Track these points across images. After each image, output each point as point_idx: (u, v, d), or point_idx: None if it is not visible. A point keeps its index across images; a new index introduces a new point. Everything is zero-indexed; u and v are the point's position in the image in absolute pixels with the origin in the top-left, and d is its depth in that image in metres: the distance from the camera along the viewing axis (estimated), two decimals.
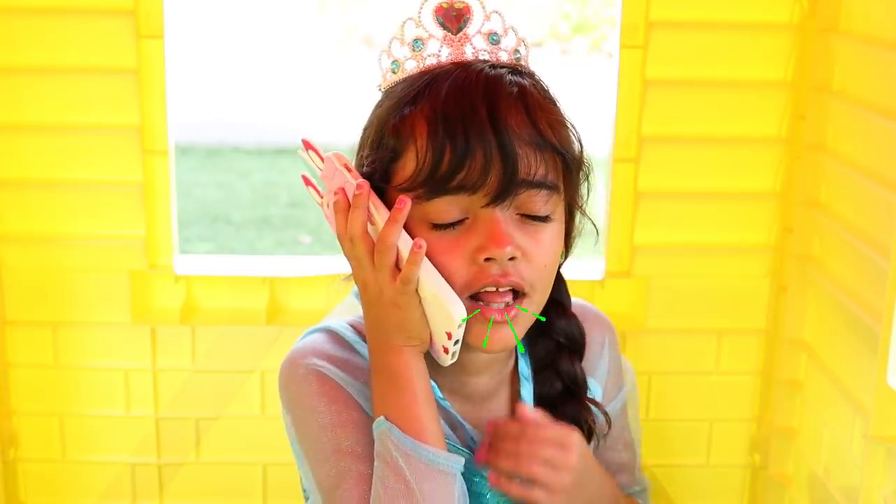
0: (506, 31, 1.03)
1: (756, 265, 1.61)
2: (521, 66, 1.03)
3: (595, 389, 1.18)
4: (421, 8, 1.01)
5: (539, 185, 0.97)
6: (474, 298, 0.99)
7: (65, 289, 1.60)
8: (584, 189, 1.07)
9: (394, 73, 1.03)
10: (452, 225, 0.98)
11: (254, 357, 1.63)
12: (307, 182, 1.05)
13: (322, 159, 1.04)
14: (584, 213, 1.08)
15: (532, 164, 0.96)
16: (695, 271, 1.60)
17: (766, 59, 1.53)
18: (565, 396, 1.12)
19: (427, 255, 0.97)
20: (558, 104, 1.03)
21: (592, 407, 1.14)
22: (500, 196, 0.96)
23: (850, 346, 1.39)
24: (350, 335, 1.09)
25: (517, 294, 0.99)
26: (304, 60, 6.98)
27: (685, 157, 1.56)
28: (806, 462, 1.53)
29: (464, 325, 0.98)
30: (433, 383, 1.07)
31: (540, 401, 1.12)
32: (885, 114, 1.29)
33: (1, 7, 1.50)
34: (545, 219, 0.99)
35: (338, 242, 1.02)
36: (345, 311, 1.15)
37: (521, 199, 0.97)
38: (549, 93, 1.03)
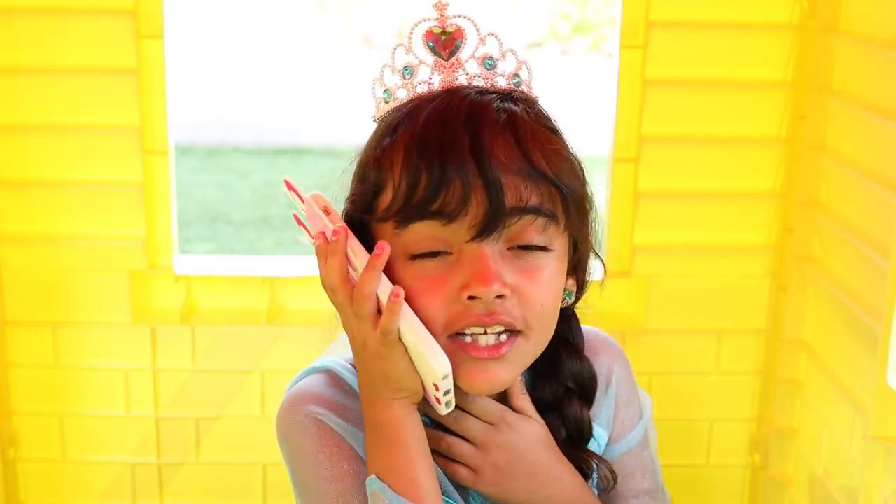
0: (503, 55, 0.96)
1: (756, 265, 1.61)
2: (518, 91, 0.96)
3: (600, 436, 1.11)
4: (411, 33, 0.95)
5: (533, 211, 0.90)
6: (457, 340, 0.92)
7: (65, 289, 1.60)
8: (591, 225, 1.00)
9: (386, 102, 0.97)
10: (432, 256, 0.91)
11: (254, 357, 1.63)
12: (298, 222, 1.00)
13: (303, 201, 0.99)
14: (592, 250, 1.01)
15: (522, 192, 0.89)
16: (695, 271, 1.60)
17: (766, 59, 1.53)
18: (568, 443, 1.05)
19: (407, 294, 0.90)
20: (559, 134, 0.96)
21: (595, 462, 1.07)
22: (486, 228, 0.88)
23: (850, 346, 1.39)
24: (350, 377, 1.02)
25: (510, 333, 0.93)
26: (304, 60, 6.98)
27: (685, 157, 1.56)
28: (806, 462, 1.53)
29: (450, 376, 0.92)
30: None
31: None
32: (885, 114, 1.29)
33: (1, 7, 1.50)
34: (542, 249, 0.92)
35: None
36: (343, 344, 1.06)
37: (512, 231, 0.90)
38: (549, 121, 0.96)
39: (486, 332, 0.91)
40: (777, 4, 1.51)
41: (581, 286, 1.03)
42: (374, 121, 0.99)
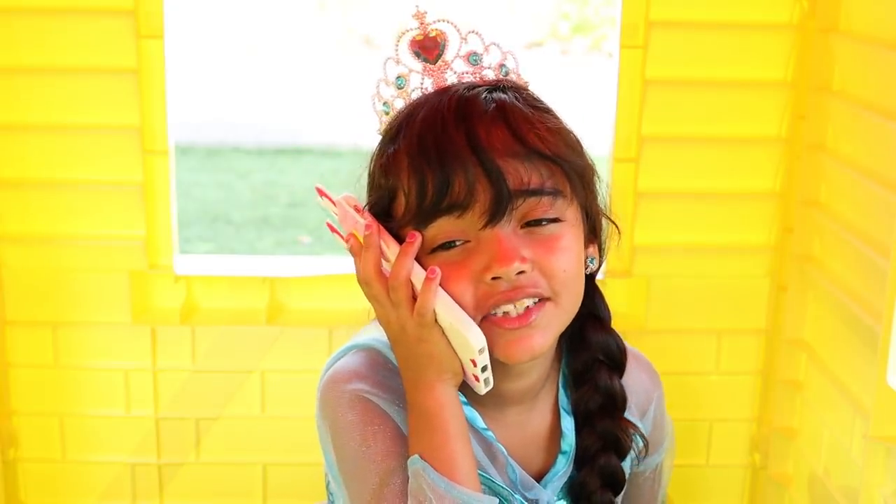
0: (487, 49, 1.01)
1: (756, 265, 1.61)
2: (506, 81, 1.01)
3: (645, 427, 1.15)
4: (397, 45, 1.01)
5: (536, 192, 0.95)
6: (489, 318, 0.97)
7: (65, 289, 1.60)
8: (600, 190, 1.05)
9: (386, 114, 1.02)
10: (453, 245, 0.96)
11: (254, 357, 1.63)
12: (332, 229, 1.04)
13: (335, 204, 1.03)
14: (605, 216, 1.05)
15: (523, 174, 0.94)
16: (695, 271, 1.60)
17: (766, 59, 1.53)
18: (603, 412, 1.09)
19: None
20: (552, 112, 1.01)
21: (634, 433, 1.10)
22: (496, 214, 0.94)
23: (850, 346, 1.39)
24: (392, 354, 1.05)
25: (538, 300, 0.97)
26: (304, 60, 6.99)
27: (685, 157, 1.56)
28: (806, 462, 1.53)
29: (486, 351, 0.96)
30: (476, 413, 1.05)
31: (579, 418, 1.09)
32: (885, 114, 1.29)
33: (1, 7, 1.50)
34: (553, 221, 0.97)
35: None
36: (376, 327, 1.09)
37: (521, 211, 0.95)
38: (540, 102, 1.01)
39: (515, 306, 0.96)
40: (777, 4, 1.51)
41: (601, 251, 1.07)
42: (379, 134, 1.03)
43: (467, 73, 1.01)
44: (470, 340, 0.95)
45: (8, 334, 1.62)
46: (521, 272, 0.95)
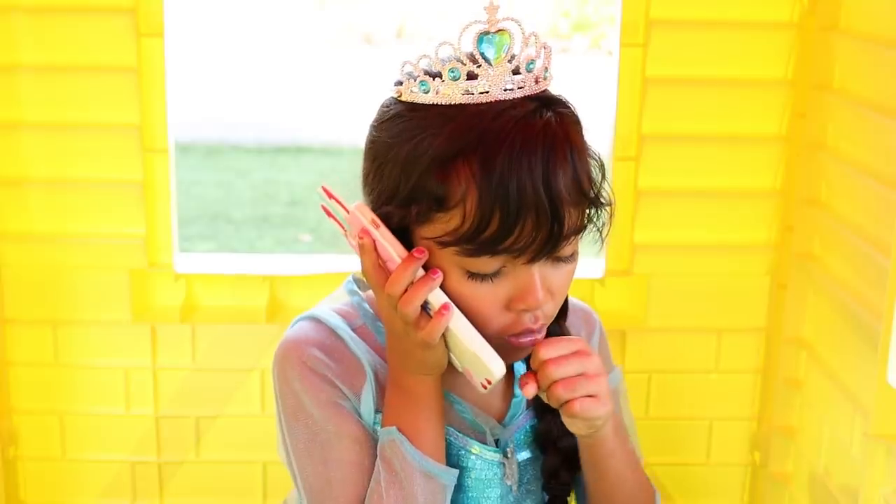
0: (538, 53, 0.97)
1: (756, 263, 1.61)
2: (559, 97, 0.98)
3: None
4: (461, 34, 0.95)
5: (575, 232, 0.96)
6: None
7: (65, 287, 1.60)
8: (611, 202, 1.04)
9: (425, 93, 0.95)
10: (490, 276, 0.96)
11: (254, 355, 1.63)
12: (329, 214, 1.02)
13: (346, 210, 1.00)
14: (607, 224, 1.04)
15: (574, 219, 0.95)
16: (695, 270, 1.60)
17: (767, 57, 1.53)
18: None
19: (463, 300, 0.96)
20: (584, 130, 0.99)
21: None
22: (541, 255, 0.95)
23: (850, 345, 1.39)
24: (334, 321, 1.08)
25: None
26: (304, 58, 6.99)
27: (685, 156, 1.56)
28: (806, 460, 1.53)
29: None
30: None
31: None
32: (885, 112, 1.29)
33: (1, 5, 1.50)
34: (571, 257, 0.99)
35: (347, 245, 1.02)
36: (333, 300, 1.14)
37: None
38: (580, 122, 0.99)
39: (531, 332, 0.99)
40: (777, 3, 1.51)
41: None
42: (397, 98, 0.98)
43: (523, 79, 0.96)
44: (493, 371, 0.97)
45: (8, 333, 1.62)
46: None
